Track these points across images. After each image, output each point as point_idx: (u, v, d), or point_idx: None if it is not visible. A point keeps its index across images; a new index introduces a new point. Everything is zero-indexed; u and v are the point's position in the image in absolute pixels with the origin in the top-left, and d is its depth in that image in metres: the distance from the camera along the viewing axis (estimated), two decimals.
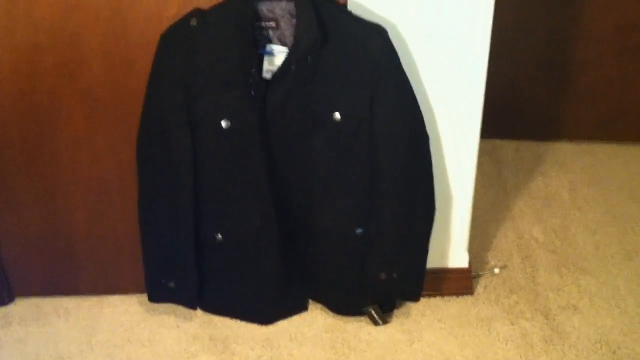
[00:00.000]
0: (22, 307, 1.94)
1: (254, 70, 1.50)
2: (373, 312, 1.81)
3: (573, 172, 2.44)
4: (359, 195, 1.66)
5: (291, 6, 1.50)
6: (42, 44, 1.58)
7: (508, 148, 2.57)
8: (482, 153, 1.78)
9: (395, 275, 1.74)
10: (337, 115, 1.56)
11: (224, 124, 1.58)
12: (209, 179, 1.65)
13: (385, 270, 1.73)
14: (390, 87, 1.52)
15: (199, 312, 1.88)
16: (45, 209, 1.81)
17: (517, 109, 2.54)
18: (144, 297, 1.86)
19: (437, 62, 1.62)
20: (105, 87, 1.64)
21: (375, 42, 1.50)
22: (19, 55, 1.60)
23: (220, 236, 1.72)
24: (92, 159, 1.74)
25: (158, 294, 1.82)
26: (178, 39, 1.53)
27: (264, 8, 1.52)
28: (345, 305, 1.85)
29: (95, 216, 1.82)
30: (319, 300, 1.89)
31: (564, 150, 2.55)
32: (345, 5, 1.54)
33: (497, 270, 2.00)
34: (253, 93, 1.54)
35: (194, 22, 1.51)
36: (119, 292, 1.96)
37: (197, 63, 1.53)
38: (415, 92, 1.58)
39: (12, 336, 1.85)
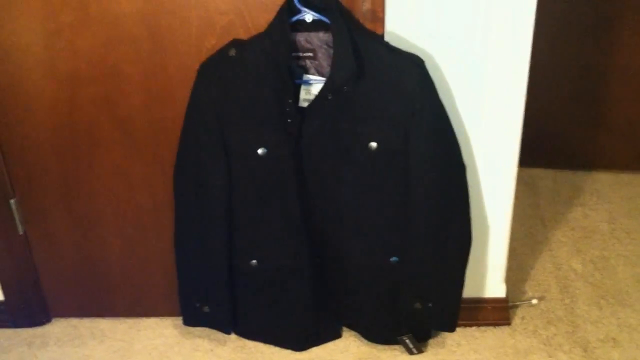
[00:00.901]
0: (59, 327, 1.98)
1: (290, 101, 1.51)
2: (407, 341, 1.79)
3: (612, 202, 2.41)
4: (392, 226, 1.66)
5: (328, 37, 1.51)
6: (82, 75, 1.61)
7: (545, 177, 2.54)
8: (519, 182, 1.76)
9: (430, 305, 1.72)
10: (373, 145, 1.56)
11: (260, 151, 1.59)
12: (242, 207, 1.67)
13: (421, 300, 1.71)
14: (425, 120, 1.52)
15: (233, 336, 1.89)
16: (81, 237, 1.84)
17: (554, 138, 2.53)
18: (179, 320, 1.88)
19: (475, 91, 1.61)
20: (143, 118, 1.66)
21: (410, 74, 1.50)
22: (59, 85, 1.63)
23: (254, 262, 1.72)
24: (128, 189, 1.76)
25: (192, 318, 1.84)
26: (216, 69, 1.55)
27: (301, 39, 1.53)
28: (379, 333, 1.84)
29: (130, 244, 1.85)
30: (353, 327, 1.88)
31: (602, 180, 2.52)
32: (382, 36, 1.55)
33: (534, 301, 1.97)
34: (290, 121, 1.54)
35: (232, 52, 1.53)
36: (154, 315, 1.98)
37: (235, 92, 1.55)
38: (452, 121, 1.57)
39: (48, 356, 1.87)
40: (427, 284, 1.70)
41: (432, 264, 1.68)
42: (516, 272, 2.08)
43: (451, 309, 1.75)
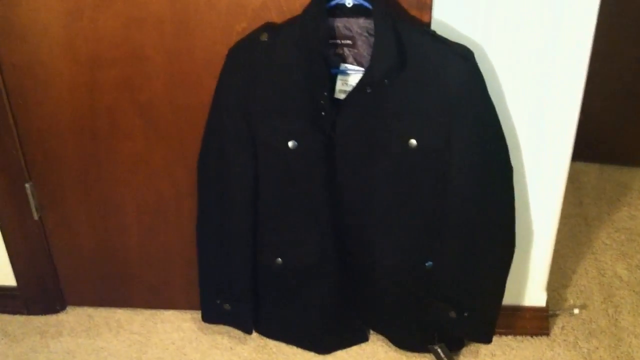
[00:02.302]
0: (74, 316, 1.91)
1: (325, 93, 1.39)
2: (439, 350, 1.69)
3: None
4: (428, 228, 1.55)
5: (369, 24, 1.39)
6: (103, 57, 1.51)
7: (590, 172, 2.40)
8: None
9: (466, 314, 1.61)
10: (413, 142, 1.44)
11: (290, 144, 1.48)
12: (269, 203, 1.57)
13: (456, 309, 1.60)
14: (471, 118, 1.40)
15: (254, 334, 1.80)
16: (100, 225, 1.76)
17: (600, 131, 2.38)
18: (198, 314, 1.80)
19: (529, 87, 1.48)
20: (166, 103, 1.56)
21: (457, 68, 1.37)
22: (79, 66, 1.53)
23: (279, 260, 1.63)
24: (148, 177, 1.67)
25: (212, 315, 1.76)
26: (246, 54, 1.43)
27: (340, 24, 1.41)
28: (408, 339, 1.74)
29: (150, 234, 1.76)
30: (381, 331, 1.79)
31: None
32: (429, 25, 1.41)
33: (576, 311, 1.85)
34: (323, 114, 1.42)
35: (264, 37, 1.41)
36: (173, 307, 1.91)
37: (266, 80, 1.43)
38: (501, 118, 1.45)
39: (61, 347, 1.81)
40: (464, 293, 1.59)
41: (470, 272, 1.57)
42: (557, 276, 1.95)
43: (489, 319, 1.65)
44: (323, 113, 1.42)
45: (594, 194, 2.33)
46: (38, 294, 1.87)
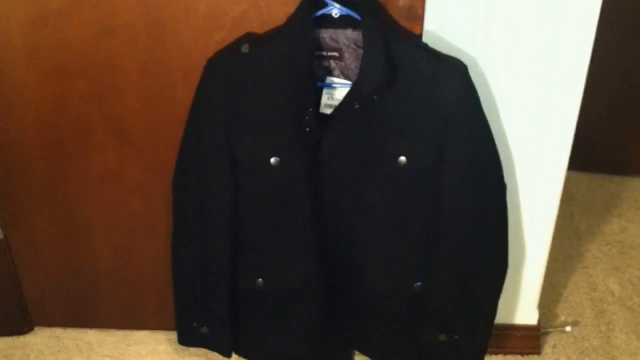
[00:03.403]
0: (42, 337, 1.80)
1: (310, 109, 1.30)
2: None
3: None
4: (417, 250, 1.47)
5: (357, 35, 1.30)
6: (71, 67, 1.41)
7: (579, 183, 2.34)
8: None
9: (456, 337, 1.54)
10: (402, 159, 1.36)
11: (272, 160, 1.39)
12: (250, 222, 1.48)
13: (446, 331, 1.53)
14: (464, 136, 1.32)
15: (234, 355, 1.69)
16: (69, 244, 1.66)
17: (590, 139, 2.31)
18: (173, 335, 1.69)
19: (524, 102, 1.41)
20: (140, 117, 1.46)
21: (451, 83, 1.29)
22: (45, 78, 1.43)
23: (260, 280, 1.54)
24: (120, 195, 1.58)
25: (189, 338, 1.66)
26: (225, 66, 1.34)
27: (325, 35, 1.32)
28: None
29: (122, 254, 1.67)
30: (367, 353, 1.70)
31: None
32: (420, 36, 1.33)
33: (568, 328, 1.79)
34: (308, 130, 1.33)
35: (245, 49, 1.32)
36: (147, 328, 1.82)
37: (246, 94, 1.34)
38: (494, 134, 1.37)
39: None
40: (454, 315, 1.52)
41: (462, 293, 1.50)
42: (548, 291, 1.88)
43: (480, 342, 1.58)
44: (308, 129, 1.33)
45: (584, 205, 2.27)
46: (3, 315, 1.77)
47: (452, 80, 1.29)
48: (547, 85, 1.39)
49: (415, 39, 1.33)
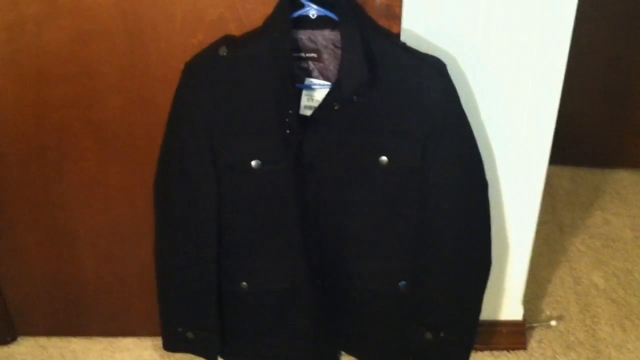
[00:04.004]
0: (25, 347, 1.79)
1: (290, 111, 1.30)
2: None
3: (636, 206, 2.23)
4: (403, 251, 1.47)
5: (335, 36, 1.30)
6: (50, 73, 1.40)
7: (562, 176, 2.35)
8: None
9: (443, 335, 1.54)
10: (384, 159, 1.36)
11: (253, 163, 1.38)
12: (234, 226, 1.47)
13: (432, 330, 1.53)
14: (447, 134, 1.33)
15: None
16: (51, 253, 1.65)
17: (572, 133, 2.32)
18: (159, 341, 1.66)
19: (502, 99, 1.42)
20: (121, 123, 1.46)
21: (432, 82, 1.29)
22: (23, 84, 1.42)
23: (245, 284, 1.53)
24: (103, 200, 1.57)
25: (174, 344, 1.64)
26: (204, 70, 1.33)
27: (303, 36, 1.32)
28: None
29: (105, 261, 1.66)
30: (355, 354, 1.70)
31: (624, 181, 2.33)
32: (398, 36, 1.33)
33: (553, 323, 1.80)
34: (288, 132, 1.33)
35: (223, 52, 1.31)
36: (132, 334, 1.80)
37: (225, 97, 1.34)
38: (475, 133, 1.37)
39: None
40: (440, 313, 1.52)
41: (447, 292, 1.50)
42: (532, 286, 1.90)
43: (466, 339, 1.58)
44: (288, 131, 1.33)
45: (567, 198, 2.28)
46: None
47: (433, 79, 1.30)
48: (526, 80, 1.39)
49: (394, 38, 1.33)
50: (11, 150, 1.51)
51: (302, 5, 1.28)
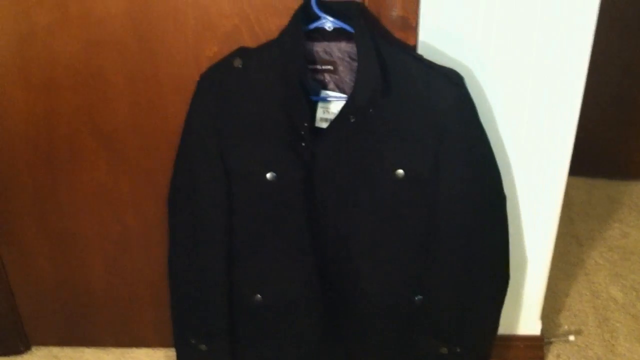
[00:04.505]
0: (39, 357, 1.78)
1: (305, 123, 1.27)
2: None
3: None
4: (417, 262, 1.44)
5: (352, 48, 1.28)
6: (60, 82, 1.39)
7: (579, 188, 2.31)
8: None
9: (458, 350, 1.51)
10: (400, 172, 1.33)
11: (269, 175, 1.36)
12: (246, 237, 1.45)
13: (448, 344, 1.50)
14: (460, 146, 1.30)
15: None
16: (62, 259, 1.64)
17: (588, 143, 2.28)
18: (171, 352, 1.65)
19: (522, 113, 1.39)
20: (131, 132, 1.44)
21: (445, 93, 1.26)
22: (34, 93, 1.41)
23: (259, 296, 1.51)
24: (113, 209, 1.55)
25: (187, 355, 1.62)
26: (218, 81, 1.31)
27: (319, 49, 1.29)
28: None
29: (116, 270, 1.65)
30: None
31: None
32: (414, 47, 1.30)
33: (571, 338, 1.76)
34: (303, 145, 1.31)
35: (237, 63, 1.29)
36: (144, 345, 1.79)
37: (240, 109, 1.32)
38: (493, 145, 1.34)
39: None
40: (456, 328, 1.49)
41: (463, 306, 1.47)
42: (550, 299, 1.86)
43: (482, 355, 1.55)
44: (303, 144, 1.31)
45: (584, 210, 2.24)
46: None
47: (447, 91, 1.27)
48: (546, 91, 1.36)
49: (409, 50, 1.31)
50: (21, 159, 1.49)
51: (318, 17, 1.26)
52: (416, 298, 1.49)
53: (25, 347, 1.78)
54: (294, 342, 1.59)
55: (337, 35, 1.27)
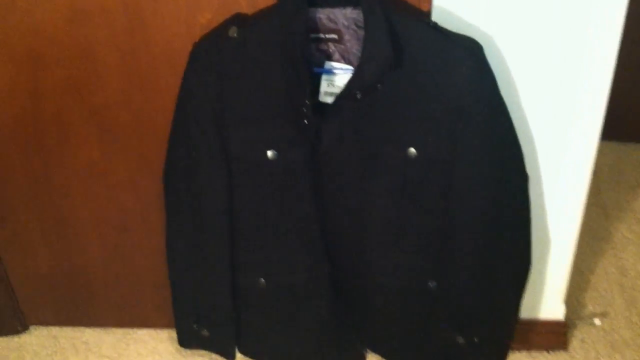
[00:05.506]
0: (37, 337, 1.72)
1: (307, 101, 1.16)
2: None
3: None
4: (431, 247, 1.34)
5: (358, 14, 1.15)
6: (45, 56, 1.29)
7: (607, 153, 2.17)
8: None
9: (476, 340, 1.42)
10: (412, 151, 1.23)
11: (269, 154, 1.26)
12: (248, 219, 1.36)
13: (464, 334, 1.41)
14: (479, 122, 1.18)
15: (238, 355, 1.58)
16: (57, 244, 1.56)
17: (619, 107, 2.13)
18: (175, 333, 1.58)
19: (547, 84, 1.26)
20: (123, 107, 1.34)
21: (462, 65, 1.14)
22: (17, 67, 1.31)
23: (262, 280, 1.42)
24: (108, 189, 1.47)
25: (189, 340, 1.56)
26: (213, 52, 1.20)
27: (322, 16, 1.17)
28: None
29: (114, 252, 1.57)
30: (379, 352, 1.59)
31: None
32: (429, 14, 1.18)
33: (597, 321, 1.66)
34: (306, 122, 1.19)
35: (233, 32, 1.17)
36: (147, 326, 1.72)
37: (237, 82, 1.21)
38: (515, 120, 1.22)
39: None
40: (473, 316, 1.40)
41: (481, 294, 1.37)
42: (574, 278, 1.74)
43: (502, 344, 1.46)
44: (305, 122, 1.19)
45: (612, 178, 2.11)
46: None
47: (465, 62, 1.15)
48: (574, 60, 1.23)
49: (423, 17, 1.18)
50: (9, 138, 1.40)
51: None
52: (430, 284, 1.39)
53: (22, 327, 1.72)
54: (300, 329, 1.52)
55: (341, 0, 1.15)
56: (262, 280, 1.43)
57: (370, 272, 1.41)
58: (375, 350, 1.59)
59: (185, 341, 1.56)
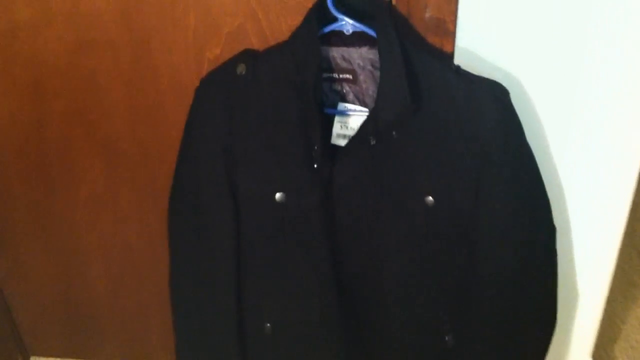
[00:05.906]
0: None
1: (316, 146, 1.09)
2: None
3: None
4: (448, 300, 1.26)
5: (375, 54, 1.08)
6: (48, 85, 1.25)
7: None
8: None
9: None
10: (430, 199, 1.14)
11: (278, 196, 1.18)
12: (255, 263, 1.28)
13: None
14: (504, 172, 1.11)
15: None
16: (60, 273, 1.53)
17: None
18: None
19: (577, 130, 1.18)
20: (129, 139, 1.30)
21: (487, 110, 1.07)
22: (20, 97, 1.27)
23: (269, 325, 1.35)
24: (113, 221, 1.42)
25: None
26: (220, 89, 1.14)
27: (336, 54, 1.10)
28: None
29: (118, 284, 1.53)
30: None
31: None
32: (451, 56, 1.10)
33: None
34: (316, 166, 1.12)
35: (241, 69, 1.11)
36: None
37: (244, 122, 1.14)
38: (541, 168, 1.14)
39: None
40: None
41: (501, 351, 1.28)
42: (603, 327, 1.64)
43: None
44: (316, 165, 1.12)
45: None
46: None
47: (491, 107, 1.08)
48: (607, 102, 1.14)
49: (445, 58, 1.10)
50: (11, 167, 1.37)
51: (335, 19, 1.06)
52: (446, 338, 1.30)
53: (23, 358, 1.69)
54: None
55: (357, 39, 1.08)
56: (268, 327, 1.36)
57: (385, 323, 1.33)
58: None
59: None
